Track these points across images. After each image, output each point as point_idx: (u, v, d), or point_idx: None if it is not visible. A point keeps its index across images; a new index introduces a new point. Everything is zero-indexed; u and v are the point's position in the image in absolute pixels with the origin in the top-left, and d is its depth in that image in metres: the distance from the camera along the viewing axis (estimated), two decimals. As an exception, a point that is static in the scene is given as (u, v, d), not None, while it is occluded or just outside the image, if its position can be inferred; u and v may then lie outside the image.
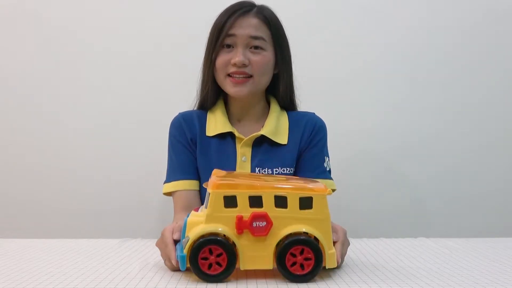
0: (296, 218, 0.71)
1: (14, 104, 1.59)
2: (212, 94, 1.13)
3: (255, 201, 0.71)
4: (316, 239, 0.71)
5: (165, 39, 1.57)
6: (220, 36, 1.06)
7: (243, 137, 1.10)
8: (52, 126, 1.58)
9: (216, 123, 1.12)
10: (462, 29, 1.59)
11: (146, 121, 1.56)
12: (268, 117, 1.13)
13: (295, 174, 1.12)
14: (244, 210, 0.70)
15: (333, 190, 1.11)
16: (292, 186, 0.73)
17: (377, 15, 1.58)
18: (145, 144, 1.55)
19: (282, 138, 1.11)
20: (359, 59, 1.58)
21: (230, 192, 0.71)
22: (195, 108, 1.18)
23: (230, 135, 1.11)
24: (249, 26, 1.05)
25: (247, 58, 1.05)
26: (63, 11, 1.58)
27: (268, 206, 0.71)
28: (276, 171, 1.09)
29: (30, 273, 0.77)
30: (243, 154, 1.09)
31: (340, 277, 0.75)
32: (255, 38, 1.05)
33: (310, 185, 0.73)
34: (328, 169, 1.14)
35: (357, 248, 0.98)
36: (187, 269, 0.71)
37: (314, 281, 0.72)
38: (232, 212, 0.70)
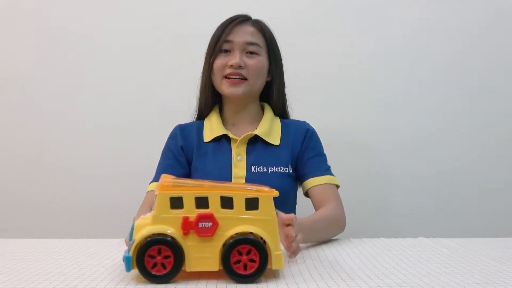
0: (242, 219, 0.71)
1: (13, 103, 1.59)
2: (210, 98, 1.18)
3: (201, 202, 0.71)
4: (262, 240, 0.71)
5: (165, 39, 1.57)
6: (218, 42, 1.13)
7: (237, 137, 1.14)
8: (52, 126, 1.58)
9: (212, 128, 1.17)
10: (462, 29, 1.59)
11: (146, 122, 1.56)
12: (262, 120, 1.18)
13: (301, 179, 1.16)
14: (190, 211, 0.70)
15: (337, 187, 1.16)
16: (238, 187, 0.73)
17: (376, 15, 1.59)
18: (146, 144, 1.55)
19: (274, 139, 1.16)
20: (358, 59, 1.59)
21: (176, 193, 0.70)
22: (195, 119, 1.23)
23: (225, 137, 1.16)
24: (245, 33, 1.13)
25: (243, 61, 1.11)
26: (63, 11, 1.58)
27: (214, 207, 0.71)
28: (271, 169, 1.13)
29: (30, 273, 0.77)
30: (238, 153, 1.14)
31: (339, 276, 0.75)
32: (251, 44, 1.13)
33: (258, 187, 0.74)
34: (329, 166, 1.18)
35: (357, 248, 0.98)
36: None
37: (314, 280, 0.72)
38: (178, 213, 0.70)
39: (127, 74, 1.58)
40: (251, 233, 0.71)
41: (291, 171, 1.15)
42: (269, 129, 1.16)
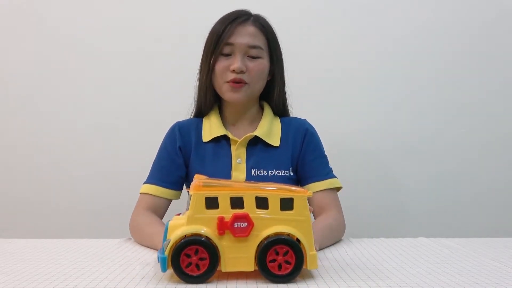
0: (277, 219, 0.71)
1: (13, 104, 1.59)
2: (210, 100, 1.16)
3: (237, 202, 0.71)
4: (297, 240, 0.71)
5: (165, 39, 1.58)
6: (218, 45, 1.09)
7: (237, 139, 1.12)
8: (52, 126, 1.58)
9: (211, 128, 1.15)
10: (462, 29, 1.59)
11: (146, 121, 1.56)
12: (261, 120, 1.16)
13: (303, 182, 1.14)
14: (226, 211, 0.70)
15: (340, 188, 1.15)
16: (273, 188, 0.73)
17: (376, 15, 1.59)
18: (146, 144, 1.54)
19: (274, 140, 1.14)
20: (358, 59, 1.59)
21: (211, 193, 0.71)
22: (192, 116, 1.21)
23: (225, 138, 1.14)
24: (247, 35, 1.09)
25: (245, 64, 1.08)
26: (63, 11, 1.58)
27: (249, 207, 0.71)
28: (271, 173, 1.11)
29: (30, 273, 0.77)
30: (238, 156, 1.12)
31: (339, 276, 0.75)
32: (253, 47, 1.10)
33: (291, 187, 0.74)
34: (331, 168, 1.17)
35: (357, 248, 0.98)
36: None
37: (313, 280, 0.72)
38: (214, 213, 0.70)
39: (127, 74, 1.58)
40: (288, 234, 0.71)
41: (291, 173, 1.13)
42: (269, 129, 1.14)
